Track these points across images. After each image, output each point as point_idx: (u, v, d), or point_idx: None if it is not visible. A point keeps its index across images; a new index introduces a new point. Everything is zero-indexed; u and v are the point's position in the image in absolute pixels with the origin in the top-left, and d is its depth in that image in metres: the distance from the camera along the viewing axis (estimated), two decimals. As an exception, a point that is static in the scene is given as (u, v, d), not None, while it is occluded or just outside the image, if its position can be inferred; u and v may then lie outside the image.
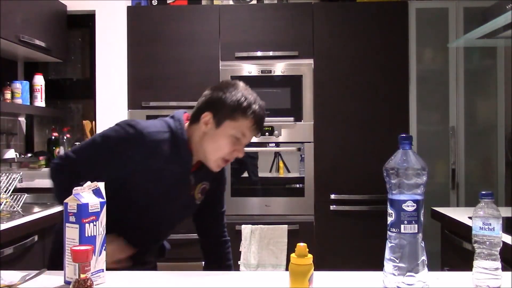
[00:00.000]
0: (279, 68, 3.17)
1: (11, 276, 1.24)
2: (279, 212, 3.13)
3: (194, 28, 3.18)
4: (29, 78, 3.14)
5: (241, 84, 1.49)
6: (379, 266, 1.18)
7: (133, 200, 1.45)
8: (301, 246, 1.10)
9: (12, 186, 2.34)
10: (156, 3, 3.33)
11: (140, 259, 1.51)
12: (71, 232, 1.19)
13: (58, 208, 2.44)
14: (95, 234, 1.21)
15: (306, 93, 3.16)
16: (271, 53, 3.16)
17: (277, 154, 3.22)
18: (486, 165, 3.18)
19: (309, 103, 3.16)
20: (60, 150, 3.30)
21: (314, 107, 3.15)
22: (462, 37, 2.92)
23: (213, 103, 1.45)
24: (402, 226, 1.10)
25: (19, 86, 2.94)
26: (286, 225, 3.05)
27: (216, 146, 1.44)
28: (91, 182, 1.24)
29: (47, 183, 3.23)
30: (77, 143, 3.29)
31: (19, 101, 2.93)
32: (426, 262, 1.12)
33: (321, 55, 3.16)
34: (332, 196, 3.11)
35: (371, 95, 3.14)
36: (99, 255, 1.22)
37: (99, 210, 1.23)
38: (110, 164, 1.42)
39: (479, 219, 1.13)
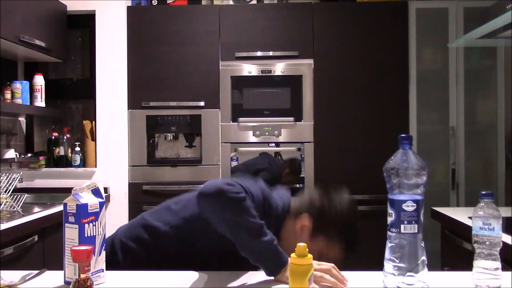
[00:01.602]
0: (279, 68, 3.17)
1: (11, 276, 1.24)
2: (279, 212, 3.13)
3: (194, 28, 3.18)
4: (29, 78, 3.13)
5: (350, 200, 1.46)
6: (379, 266, 1.18)
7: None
8: (301, 246, 1.09)
9: (12, 186, 2.34)
10: (156, 3, 3.33)
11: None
12: (70, 233, 1.19)
13: (58, 208, 2.44)
14: (94, 234, 1.21)
15: (306, 93, 3.16)
16: (271, 53, 3.16)
17: (277, 154, 3.22)
18: (486, 165, 3.18)
19: (309, 103, 3.16)
20: (60, 150, 3.30)
21: (314, 107, 3.15)
22: (462, 37, 2.92)
23: (320, 212, 1.41)
24: (402, 226, 1.10)
25: (19, 86, 2.93)
26: (286, 225, 3.05)
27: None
28: None
29: (47, 183, 3.25)
30: (77, 143, 3.30)
31: (19, 101, 2.93)
32: (426, 262, 1.12)
33: (321, 55, 3.16)
34: (332, 196, 3.10)
35: (371, 95, 3.14)
36: (99, 255, 1.22)
37: (98, 210, 1.22)
38: None
39: (479, 219, 1.13)
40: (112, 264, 1.43)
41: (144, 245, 1.46)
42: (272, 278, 1.24)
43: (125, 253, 1.46)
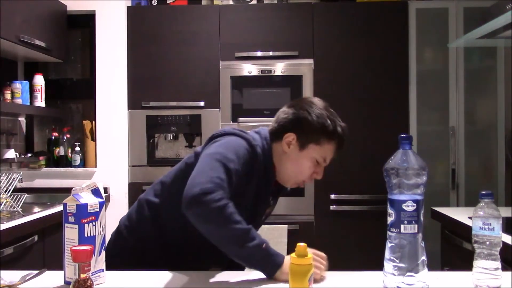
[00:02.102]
0: (279, 68, 3.17)
1: (11, 276, 1.24)
2: (279, 212, 3.12)
3: (194, 28, 3.18)
4: (29, 78, 3.13)
5: (322, 103, 1.47)
6: (379, 266, 1.18)
7: None
8: (301, 246, 1.10)
9: (12, 186, 2.34)
10: (156, 3, 3.33)
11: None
12: (70, 233, 1.19)
13: (58, 208, 2.44)
14: (94, 234, 1.21)
15: (306, 93, 3.16)
16: (271, 53, 3.16)
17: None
18: (486, 165, 3.18)
19: (309, 103, 3.15)
20: (60, 150, 3.30)
21: (314, 107, 3.14)
22: (462, 37, 2.92)
23: (298, 123, 1.43)
24: (402, 226, 1.10)
25: (19, 86, 2.94)
26: (286, 225, 3.03)
27: (297, 169, 1.44)
28: None
29: (47, 183, 3.25)
30: (77, 143, 3.30)
31: (19, 101, 2.93)
32: (426, 262, 1.12)
33: (321, 55, 3.16)
34: (332, 196, 3.10)
35: (371, 95, 3.14)
36: (99, 255, 1.22)
37: (98, 210, 1.22)
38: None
39: (479, 219, 1.13)
40: (125, 251, 1.44)
41: (148, 222, 1.46)
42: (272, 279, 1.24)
43: (135, 237, 1.46)
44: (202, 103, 3.16)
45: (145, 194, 1.52)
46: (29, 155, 3.21)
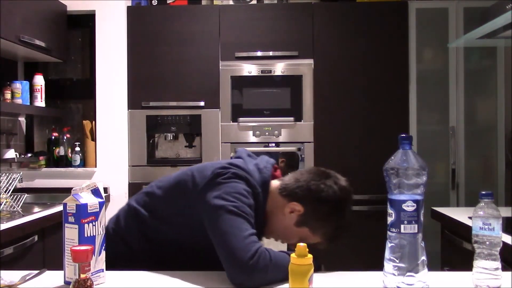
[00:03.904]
0: (279, 68, 3.17)
1: (11, 276, 1.24)
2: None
3: (194, 28, 3.18)
4: (29, 78, 3.13)
5: (349, 194, 1.44)
6: (379, 266, 1.18)
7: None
8: (301, 246, 1.09)
9: (12, 186, 2.34)
10: (156, 3, 3.33)
11: None
12: (70, 233, 1.19)
13: (58, 208, 2.44)
14: (94, 234, 1.21)
15: (306, 93, 3.16)
16: (271, 53, 3.16)
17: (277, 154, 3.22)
18: (486, 165, 3.18)
19: (309, 103, 3.16)
20: (60, 150, 3.30)
21: (314, 107, 3.15)
22: (462, 37, 2.92)
23: (313, 203, 1.35)
24: (402, 226, 1.10)
25: (19, 86, 2.93)
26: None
27: (282, 235, 1.41)
28: None
29: (47, 183, 3.25)
30: (77, 143, 3.29)
31: (19, 101, 2.93)
32: (426, 262, 1.12)
33: (321, 55, 3.16)
34: (332, 196, 3.10)
35: (371, 95, 3.14)
36: (99, 255, 1.22)
37: (98, 210, 1.22)
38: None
39: (479, 219, 1.13)
40: (113, 254, 1.40)
41: (136, 233, 1.43)
42: None
43: (123, 244, 1.43)
44: (202, 103, 3.16)
45: (134, 201, 1.47)
46: (29, 155, 3.21)
